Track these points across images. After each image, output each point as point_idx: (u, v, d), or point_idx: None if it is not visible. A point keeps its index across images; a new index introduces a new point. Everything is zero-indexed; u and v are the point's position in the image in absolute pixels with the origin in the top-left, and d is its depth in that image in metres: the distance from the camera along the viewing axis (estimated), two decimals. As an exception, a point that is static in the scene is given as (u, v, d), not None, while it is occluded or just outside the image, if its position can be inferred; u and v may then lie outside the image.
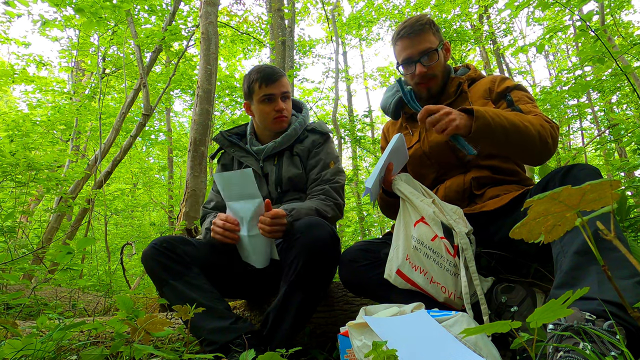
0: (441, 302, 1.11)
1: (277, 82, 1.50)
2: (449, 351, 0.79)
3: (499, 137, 1.11)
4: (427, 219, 1.14)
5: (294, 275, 1.17)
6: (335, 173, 1.52)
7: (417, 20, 1.35)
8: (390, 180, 1.25)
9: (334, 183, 1.50)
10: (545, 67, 17.78)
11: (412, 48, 1.34)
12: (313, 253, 1.16)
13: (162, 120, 10.55)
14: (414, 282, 1.12)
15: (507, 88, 1.33)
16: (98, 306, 2.49)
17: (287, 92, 1.53)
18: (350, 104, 10.80)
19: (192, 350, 1.19)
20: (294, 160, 1.55)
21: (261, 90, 1.50)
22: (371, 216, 8.90)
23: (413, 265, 1.12)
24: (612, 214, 0.50)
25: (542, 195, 0.47)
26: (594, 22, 3.28)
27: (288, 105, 1.55)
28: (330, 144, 1.61)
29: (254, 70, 1.54)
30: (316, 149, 1.56)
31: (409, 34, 1.33)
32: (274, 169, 1.54)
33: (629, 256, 0.46)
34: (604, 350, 0.66)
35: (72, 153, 6.70)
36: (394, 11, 9.87)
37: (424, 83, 1.37)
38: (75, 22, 5.78)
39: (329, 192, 1.46)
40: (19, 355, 0.91)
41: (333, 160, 1.55)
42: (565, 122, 6.36)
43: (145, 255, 1.26)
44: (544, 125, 1.17)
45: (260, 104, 1.52)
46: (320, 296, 1.26)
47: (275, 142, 1.54)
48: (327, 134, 1.61)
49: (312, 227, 1.18)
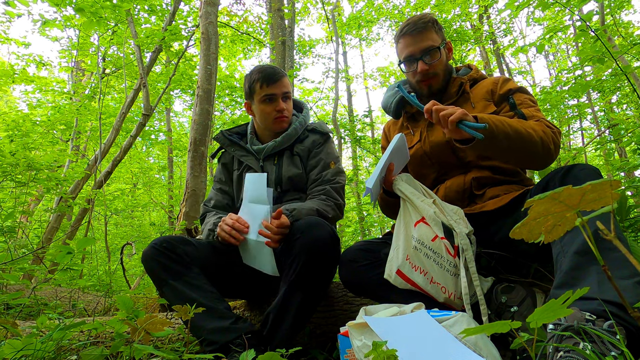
0: (441, 302, 1.11)
1: (279, 82, 1.50)
2: (449, 351, 0.79)
3: (501, 143, 1.11)
4: (427, 219, 1.14)
5: (293, 275, 1.17)
6: (335, 173, 1.52)
7: (420, 18, 1.36)
8: (391, 181, 1.25)
9: (335, 183, 1.50)
10: (545, 67, 17.79)
11: (415, 45, 1.34)
12: (313, 253, 1.16)
13: (162, 120, 10.55)
14: (414, 282, 1.12)
15: (510, 90, 1.33)
16: (98, 306, 2.49)
17: (288, 92, 1.54)
18: (350, 104, 10.80)
19: (192, 350, 1.19)
20: (294, 160, 1.55)
21: (262, 90, 1.50)
22: (371, 216, 8.90)
23: (413, 266, 1.12)
24: (612, 214, 0.50)
25: (542, 195, 0.47)
26: (594, 22, 3.28)
27: (289, 105, 1.55)
28: (330, 144, 1.62)
29: (255, 70, 1.54)
30: (316, 149, 1.56)
31: (412, 31, 1.34)
32: (274, 168, 1.54)
33: (629, 256, 0.46)
34: (604, 350, 0.66)
35: (72, 153, 6.70)
36: (394, 11, 9.87)
37: (426, 81, 1.38)
38: (75, 22, 5.78)
39: (329, 193, 1.46)
40: (19, 355, 0.91)
41: (333, 161, 1.56)
42: (565, 122, 6.36)
43: (145, 255, 1.26)
44: (546, 132, 1.17)
45: (261, 104, 1.52)
46: (321, 296, 1.26)
47: (275, 142, 1.54)
48: (327, 134, 1.61)
49: (312, 227, 1.18)
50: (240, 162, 1.62)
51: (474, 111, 1.34)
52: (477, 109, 1.34)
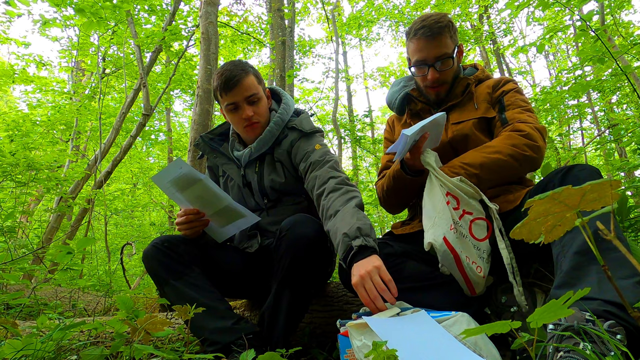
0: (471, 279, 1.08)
1: (237, 88, 1.33)
2: (448, 351, 0.79)
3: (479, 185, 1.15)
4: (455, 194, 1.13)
5: (281, 274, 1.17)
6: (324, 153, 1.36)
7: (436, 21, 1.29)
8: (421, 150, 1.19)
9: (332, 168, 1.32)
10: (545, 67, 17.78)
11: (427, 51, 1.30)
12: (298, 251, 1.15)
13: (162, 120, 10.55)
14: (457, 254, 1.06)
15: (503, 92, 1.34)
16: (98, 306, 2.49)
17: (253, 95, 1.36)
18: (350, 104, 10.80)
19: (192, 350, 1.19)
20: (276, 167, 1.42)
21: (223, 99, 1.36)
22: (371, 216, 8.89)
23: (458, 237, 1.08)
24: (612, 214, 0.50)
25: (542, 195, 0.47)
26: (594, 22, 3.27)
27: (258, 108, 1.38)
28: (310, 139, 1.42)
29: (216, 75, 1.36)
30: (294, 149, 1.42)
31: (427, 35, 1.28)
32: (255, 177, 1.44)
33: (629, 256, 0.46)
34: (604, 350, 0.66)
35: (72, 153, 6.70)
36: (394, 11, 9.88)
37: (435, 88, 1.37)
38: (75, 22, 5.78)
39: (343, 182, 1.27)
40: (19, 355, 0.91)
41: (318, 143, 1.40)
42: (565, 122, 6.35)
43: (146, 254, 1.26)
44: (516, 143, 1.16)
45: (228, 113, 1.39)
46: (311, 293, 1.25)
47: (251, 148, 1.41)
48: (306, 132, 1.42)
49: (296, 225, 1.17)
50: (223, 170, 1.53)
51: (477, 112, 1.34)
52: (480, 110, 1.34)
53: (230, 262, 1.40)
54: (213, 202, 1.27)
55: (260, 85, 1.42)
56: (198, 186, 1.24)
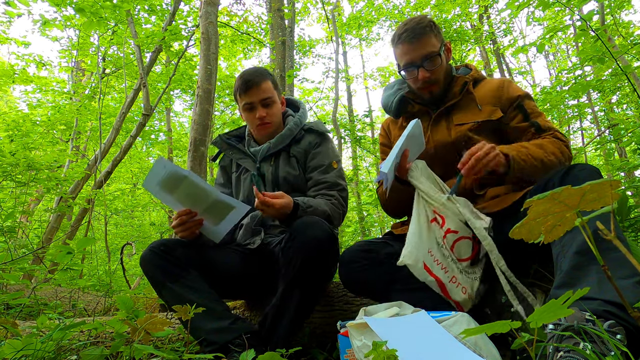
0: (456, 300, 1.09)
1: (254, 90, 1.48)
2: (448, 351, 0.79)
3: (529, 175, 1.18)
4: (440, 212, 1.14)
5: (291, 275, 1.17)
6: (339, 176, 1.53)
7: (417, 23, 1.32)
8: (406, 168, 1.22)
9: (342, 191, 1.50)
10: (545, 67, 17.78)
11: (414, 53, 1.32)
12: (310, 252, 1.16)
13: (162, 120, 10.55)
14: (436, 276, 1.09)
15: (519, 97, 1.33)
16: (98, 306, 2.50)
17: (268, 98, 1.51)
18: (350, 104, 10.80)
19: (192, 350, 1.19)
20: (291, 161, 1.54)
21: (242, 99, 1.52)
22: (371, 216, 8.90)
23: (435, 259, 1.10)
24: (612, 214, 0.50)
25: (542, 195, 0.47)
26: (594, 22, 3.27)
27: (272, 110, 1.53)
28: (328, 143, 1.59)
29: (238, 77, 1.54)
30: (314, 150, 1.55)
31: (411, 38, 1.31)
32: (270, 169, 1.54)
33: (629, 256, 0.46)
34: (604, 350, 0.66)
35: (72, 153, 6.70)
36: (394, 11, 9.87)
37: (427, 87, 1.37)
38: (75, 22, 5.78)
39: (339, 199, 1.48)
40: (19, 355, 0.91)
41: (335, 160, 1.55)
42: (565, 122, 6.35)
43: (143, 258, 1.26)
44: (563, 151, 1.22)
45: (244, 112, 1.54)
46: (319, 295, 1.27)
47: (270, 143, 1.54)
48: (323, 133, 1.59)
49: (309, 227, 1.18)
50: (238, 164, 1.62)
51: (481, 115, 1.33)
52: (485, 112, 1.34)
53: (228, 263, 1.40)
54: (202, 197, 1.29)
55: (276, 91, 1.57)
56: (185, 184, 1.26)
